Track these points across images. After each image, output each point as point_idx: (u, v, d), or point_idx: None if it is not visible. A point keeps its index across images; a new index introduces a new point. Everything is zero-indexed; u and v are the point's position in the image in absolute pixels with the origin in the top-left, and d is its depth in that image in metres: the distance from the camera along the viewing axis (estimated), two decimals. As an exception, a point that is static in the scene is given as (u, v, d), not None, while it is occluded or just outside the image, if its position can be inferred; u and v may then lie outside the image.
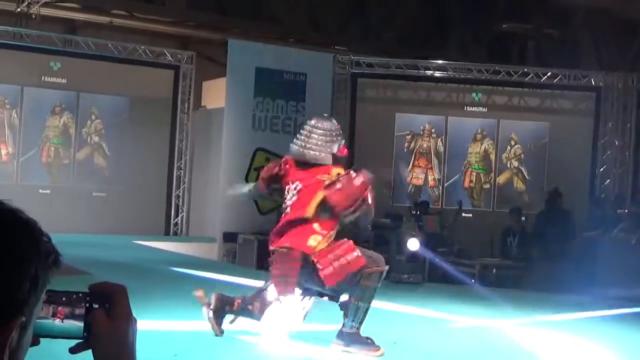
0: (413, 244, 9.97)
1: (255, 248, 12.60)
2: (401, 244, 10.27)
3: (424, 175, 15.01)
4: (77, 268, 8.18)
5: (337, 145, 5.84)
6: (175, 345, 5.60)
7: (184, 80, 15.01)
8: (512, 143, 15.17)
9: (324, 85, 14.70)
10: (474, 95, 15.47)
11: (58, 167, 14.42)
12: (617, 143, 14.89)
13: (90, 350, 1.25)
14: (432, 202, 14.27)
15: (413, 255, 10.12)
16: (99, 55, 14.39)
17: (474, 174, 15.04)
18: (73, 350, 1.26)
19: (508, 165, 15.13)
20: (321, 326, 6.07)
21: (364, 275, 5.56)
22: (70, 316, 1.24)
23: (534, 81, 15.00)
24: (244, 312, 5.79)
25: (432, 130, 15.11)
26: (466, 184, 15.00)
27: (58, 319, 1.24)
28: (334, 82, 14.97)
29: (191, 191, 15.06)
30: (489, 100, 15.48)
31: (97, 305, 1.25)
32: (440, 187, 14.99)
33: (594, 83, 15.11)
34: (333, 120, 6.16)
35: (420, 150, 15.09)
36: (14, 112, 14.04)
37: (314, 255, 5.54)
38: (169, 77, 15.06)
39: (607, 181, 14.79)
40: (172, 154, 14.95)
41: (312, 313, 5.87)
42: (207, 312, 5.77)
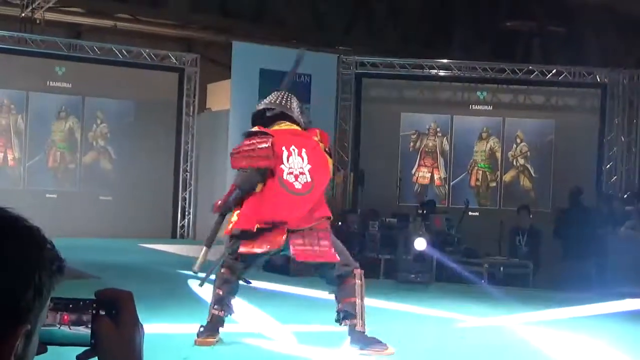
0: (420, 244, 9.96)
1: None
2: (408, 244, 10.25)
3: (429, 174, 14.99)
4: (85, 272, 8.18)
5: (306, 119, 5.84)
6: (184, 348, 5.59)
7: (189, 83, 15.02)
8: (518, 141, 15.14)
9: (329, 86, 14.70)
10: (479, 93, 15.44)
11: (64, 172, 14.44)
12: (623, 139, 14.86)
13: (97, 358, 1.25)
14: (438, 201, 14.25)
15: (420, 255, 10.11)
16: (104, 59, 14.41)
17: (480, 172, 15.01)
18: (80, 358, 1.26)
19: (514, 163, 15.11)
20: (321, 327, 6.06)
21: (356, 275, 5.59)
22: (78, 323, 1.24)
23: (539, 79, 14.97)
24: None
25: (438, 129, 15.09)
26: (472, 183, 14.98)
27: (65, 326, 1.23)
28: (339, 83, 14.96)
29: (197, 193, 15.07)
30: (494, 99, 15.45)
31: (103, 312, 1.24)
32: (447, 186, 14.97)
33: (599, 80, 15.08)
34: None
35: (426, 150, 15.08)
36: (19, 117, 14.07)
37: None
38: (174, 80, 15.08)
39: (614, 178, 14.75)
40: (178, 156, 14.97)
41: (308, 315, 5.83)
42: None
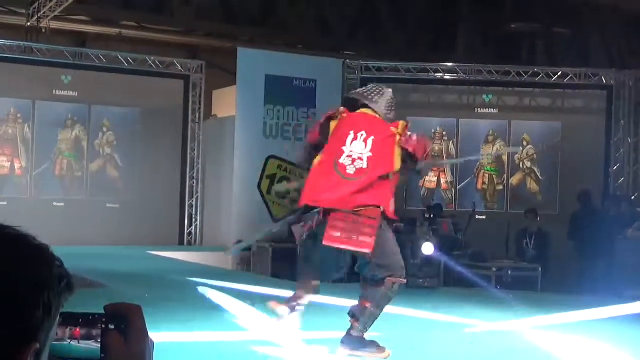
0: (428, 248, 9.95)
1: (269, 255, 12.60)
2: (416, 249, 10.24)
3: (436, 178, 14.98)
4: (94, 281, 8.19)
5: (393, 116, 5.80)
6: (194, 356, 5.59)
7: (194, 90, 15.04)
8: (525, 144, 15.12)
9: (334, 91, 14.67)
10: (484, 96, 15.43)
11: (71, 180, 14.47)
12: (630, 141, 14.82)
13: None
14: (445, 205, 14.23)
15: (428, 260, 10.10)
16: (109, 67, 14.44)
17: (487, 175, 14.99)
18: None
19: (521, 166, 15.09)
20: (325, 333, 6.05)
21: (386, 284, 5.46)
22: (87, 337, 1.25)
23: (544, 81, 14.95)
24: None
25: (444, 133, 15.08)
26: (479, 186, 14.96)
27: (75, 341, 1.25)
28: (344, 88, 14.95)
29: (204, 200, 15.08)
30: (499, 102, 15.44)
31: (113, 326, 1.25)
32: (453, 190, 14.95)
33: (605, 81, 15.05)
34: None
35: (432, 154, 15.05)
36: (26, 126, 14.11)
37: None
38: (179, 87, 15.10)
39: (621, 179, 14.72)
40: (185, 163, 14.98)
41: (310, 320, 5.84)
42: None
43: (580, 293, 9.96)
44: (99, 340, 1.24)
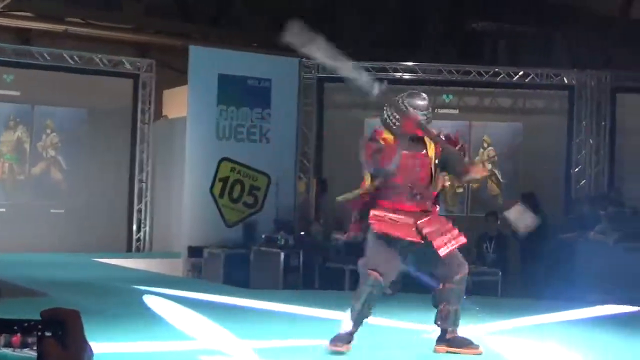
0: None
1: (222, 261, 12.60)
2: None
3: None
4: (34, 289, 8.14)
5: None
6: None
7: (144, 89, 14.98)
8: (485, 145, 15.31)
9: (290, 91, 14.74)
10: (444, 97, 15.59)
11: (13, 184, 14.33)
12: (591, 142, 15.09)
13: None
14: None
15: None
16: (54, 65, 14.32)
17: (446, 178, 15.14)
18: None
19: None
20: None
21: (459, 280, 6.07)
22: (23, 345, 1.23)
23: (505, 81, 15.15)
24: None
25: (403, 135, 15.19)
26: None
27: (9, 349, 1.23)
28: (300, 88, 15.02)
29: (154, 205, 15.03)
30: (460, 102, 15.62)
31: (49, 333, 1.23)
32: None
33: (566, 81, 15.29)
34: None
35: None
36: (-35, 127, 13.95)
37: None
38: (128, 86, 15.02)
39: (583, 181, 14.97)
40: (133, 166, 14.90)
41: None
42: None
43: (540, 297, 10.14)
44: (35, 348, 1.23)
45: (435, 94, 15.53)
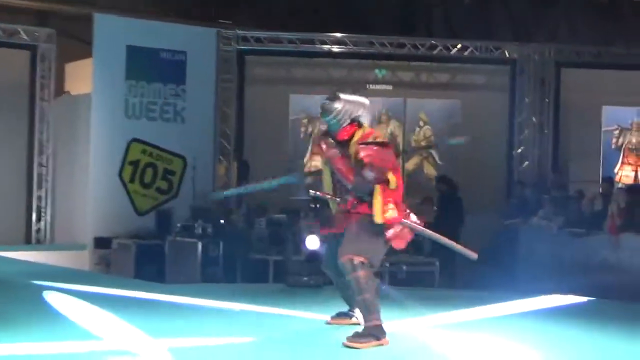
0: (312, 242, 9.97)
1: (132, 253, 12.48)
2: (299, 243, 10.32)
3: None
4: None
5: None
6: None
7: (43, 63, 14.73)
8: (421, 124, 15.43)
9: (207, 65, 14.65)
10: (377, 71, 15.66)
11: None
12: (534, 120, 15.32)
13: None
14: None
15: (313, 255, 10.15)
16: (-61, 35, 13.98)
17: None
18: None
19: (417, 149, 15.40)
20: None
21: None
22: None
23: (442, 54, 15.28)
24: None
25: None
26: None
27: None
28: (219, 61, 14.90)
29: (55, 191, 14.78)
30: (393, 77, 15.70)
31: None
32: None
33: (508, 55, 15.50)
34: None
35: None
36: None
37: None
38: (25, 58, 14.75)
39: (526, 163, 15.21)
40: (32, 148, 14.65)
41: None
42: None
43: (479, 288, 10.25)
44: None
45: (367, 69, 15.62)
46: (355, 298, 6.32)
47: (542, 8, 17.52)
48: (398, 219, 6.29)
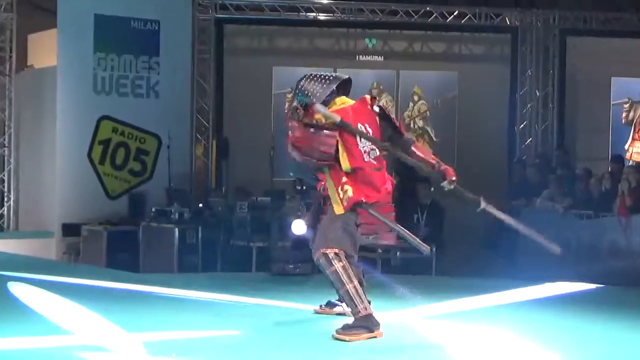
0: (298, 227, 10.00)
1: (104, 241, 12.48)
2: (284, 228, 10.35)
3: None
4: None
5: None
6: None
7: (3, 34, 14.67)
8: (416, 98, 15.45)
9: (183, 35, 14.61)
10: (367, 41, 15.65)
11: None
12: (537, 94, 15.35)
13: None
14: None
15: (299, 241, 10.19)
16: None
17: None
18: None
19: (412, 125, 15.41)
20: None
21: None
22: None
23: (438, 22, 15.27)
24: None
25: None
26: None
27: None
28: (195, 31, 14.87)
29: (19, 174, 14.77)
30: (385, 47, 15.70)
31: None
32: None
33: (509, 23, 15.50)
34: None
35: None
36: None
37: None
38: (-18, 30, 14.69)
39: (529, 140, 15.25)
40: (-8, 128, 14.64)
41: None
42: None
43: (479, 276, 10.32)
44: None
45: (356, 38, 15.61)
46: (339, 293, 6.34)
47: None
48: (354, 198, 6.24)
